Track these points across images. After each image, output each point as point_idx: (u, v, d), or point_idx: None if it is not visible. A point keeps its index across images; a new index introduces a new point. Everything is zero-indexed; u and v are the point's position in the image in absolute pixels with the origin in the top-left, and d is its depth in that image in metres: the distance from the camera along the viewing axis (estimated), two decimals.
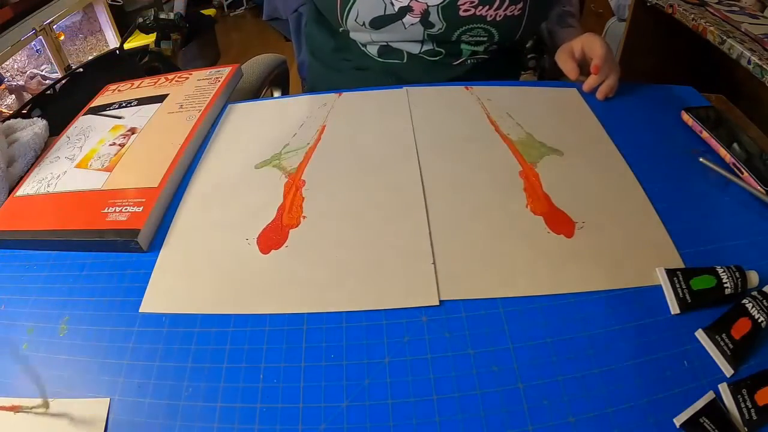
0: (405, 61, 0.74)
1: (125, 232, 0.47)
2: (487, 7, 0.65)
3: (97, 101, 0.72)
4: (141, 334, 0.40)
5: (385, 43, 0.73)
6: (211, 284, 0.43)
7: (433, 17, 0.67)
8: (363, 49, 0.75)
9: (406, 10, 0.66)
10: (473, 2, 0.65)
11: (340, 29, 0.72)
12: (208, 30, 2.50)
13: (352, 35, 0.74)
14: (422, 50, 0.72)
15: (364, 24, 0.69)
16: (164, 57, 1.77)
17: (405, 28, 0.69)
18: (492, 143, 0.56)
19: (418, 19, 0.67)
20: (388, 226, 0.46)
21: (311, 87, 0.88)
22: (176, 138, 0.59)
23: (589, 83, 0.63)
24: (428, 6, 0.65)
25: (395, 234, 0.45)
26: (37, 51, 1.87)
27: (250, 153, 0.58)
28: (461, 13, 0.66)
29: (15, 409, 0.37)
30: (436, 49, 0.72)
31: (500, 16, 0.66)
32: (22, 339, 0.41)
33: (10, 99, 1.77)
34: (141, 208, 0.50)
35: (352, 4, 0.67)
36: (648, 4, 1.12)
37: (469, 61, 0.73)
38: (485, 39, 0.69)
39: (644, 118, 0.59)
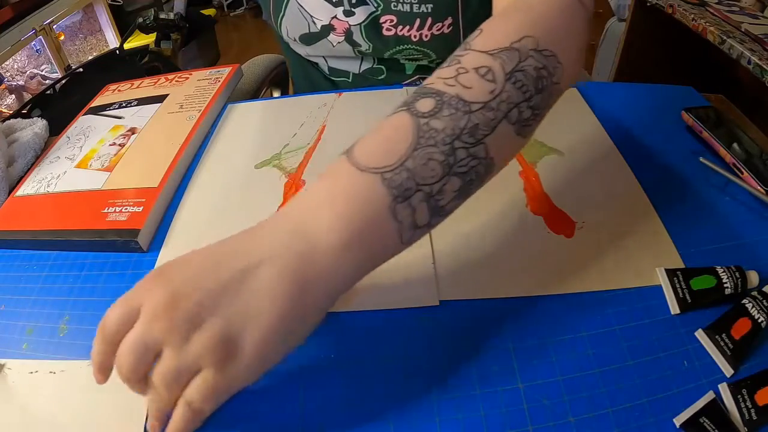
0: (351, 80, 0.71)
1: (125, 232, 0.47)
2: (408, 27, 0.61)
3: (97, 101, 0.72)
4: None
5: (324, 60, 0.71)
6: None
7: (357, 36, 0.64)
8: (315, 65, 0.73)
9: (328, 28, 0.64)
10: (393, 21, 0.61)
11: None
12: (208, 30, 2.50)
13: (296, 50, 0.72)
14: (362, 69, 0.69)
15: (295, 39, 0.67)
16: (164, 57, 1.77)
17: (333, 46, 0.66)
18: None
19: (343, 37, 0.64)
20: None
21: (298, 89, 0.86)
22: (176, 138, 0.59)
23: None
24: (350, 25, 0.62)
25: None
26: (37, 51, 1.87)
27: (250, 153, 0.58)
28: (384, 32, 0.62)
29: None
30: (376, 67, 0.69)
31: (426, 36, 0.62)
32: (22, 339, 0.41)
33: (10, 99, 1.77)
34: (141, 208, 0.50)
35: (282, 19, 0.65)
36: (648, 4, 1.13)
37: (420, 79, 0.67)
38: (421, 57, 0.65)
39: (644, 118, 0.59)
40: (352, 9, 0.61)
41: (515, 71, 0.31)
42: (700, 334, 0.37)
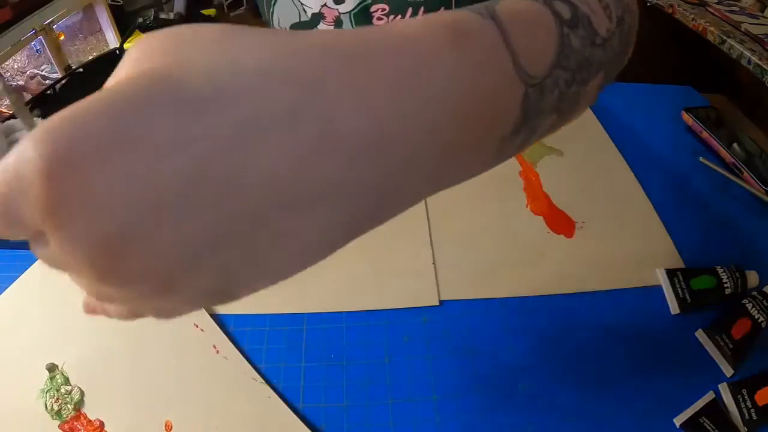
0: None
1: None
2: (400, 16, 0.60)
3: None
4: None
5: None
6: None
7: (347, 25, 0.63)
8: None
9: (318, 17, 0.63)
10: (384, 10, 0.60)
11: None
12: None
13: None
14: None
15: (286, 28, 0.68)
16: None
17: None
18: None
19: (332, 26, 0.63)
20: (388, 227, 0.46)
21: None
22: None
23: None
24: (339, 13, 0.62)
25: (395, 234, 0.45)
26: (37, 51, 1.87)
27: None
28: (375, 22, 0.61)
29: None
30: None
31: None
32: None
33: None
34: None
35: (273, 8, 0.66)
36: (648, 4, 1.12)
37: None
38: None
39: (644, 118, 0.59)
40: None
41: (623, 17, 0.27)
42: (700, 334, 0.37)
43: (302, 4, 0.63)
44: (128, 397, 0.35)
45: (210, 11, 2.93)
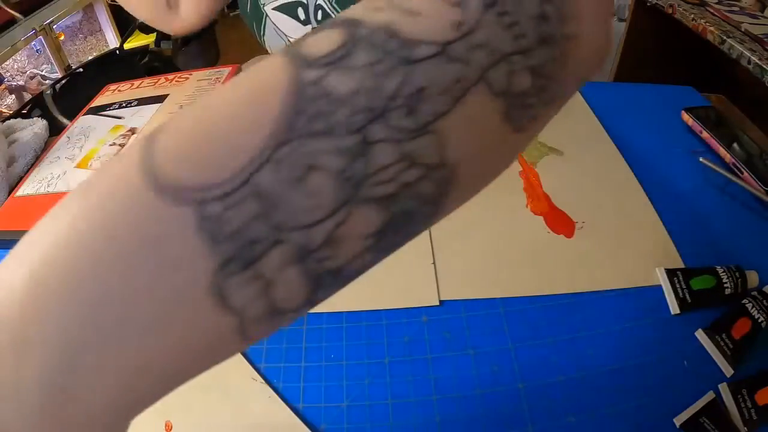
0: None
1: None
2: None
3: (97, 101, 0.72)
4: None
5: None
6: None
7: None
8: None
9: None
10: None
11: None
12: (208, 30, 2.50)
13: None
14: None
15: None
16: (164, 57, 1.77)
17: None
18: None
19: None
20: None
21: None
22: None
23: None
24: None
25: None
26: (37, 51, 1.87)
27: None
28: None
29: None
30: None
31: None
32: None
33: (10, 99, 1.77)
34: None
35: (263, 38, 0.67)
36: (648, 4, 1.13)
37: None
38: None
39: (644, 118, 0.59)
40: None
41: None
42: (700, 334, 0.37)
43: (286, 35, 0.64)
44: None
45: None
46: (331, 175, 0.13)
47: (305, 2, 0.60)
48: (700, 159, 0.51)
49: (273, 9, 0.62)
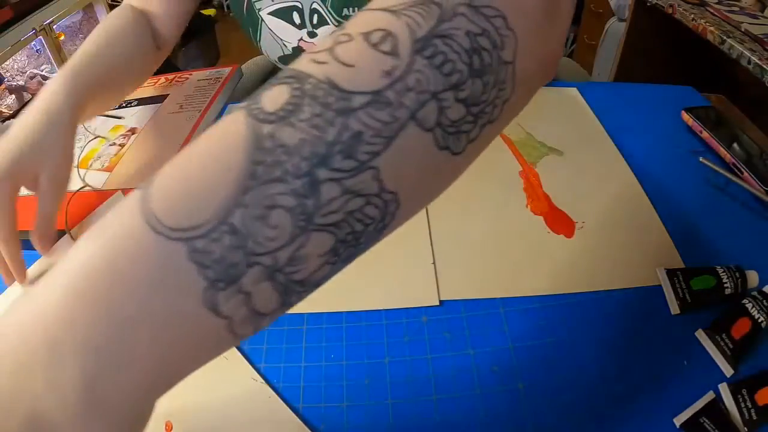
0: None
1: None
2: None
3: None
4: None
5: None
6: None
7: None
8: None
9: (299, 50, 0.65)
10: None
11: None
12: (208, 30, 2.50)
13: (281, 66, 0.73)
14: None
15: (276, 62, 0.69)
16: None
17: None
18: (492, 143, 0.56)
19: None
20: None
21: None
22: (176, 138, 0.59)
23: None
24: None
25: (395, 234, 0.45)
26: (37, 51, 1.87)
27: None
28: None
29: None
30: None
31: None
32: None
33: (10, 99, 1.77)
34: None
35: (260, 43, 0.67)
36: (648, 4, 1.13)
37: None
38: None
39: (644, 118, 0.59)
40: (315, 30, 0.62)
41: (433, 37, 0.19)
42: (700, 334, 0.37)
43: (281, 39, 0.64)
44: None
45: (210, 11, 2.93)
46: (288, 210, 0.17)
47: (300, 6, 0.61)
48: (700, 159, 0.51)
49: (268, 14, 0.63)
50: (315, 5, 0.60)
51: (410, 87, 0.18)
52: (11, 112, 1.68)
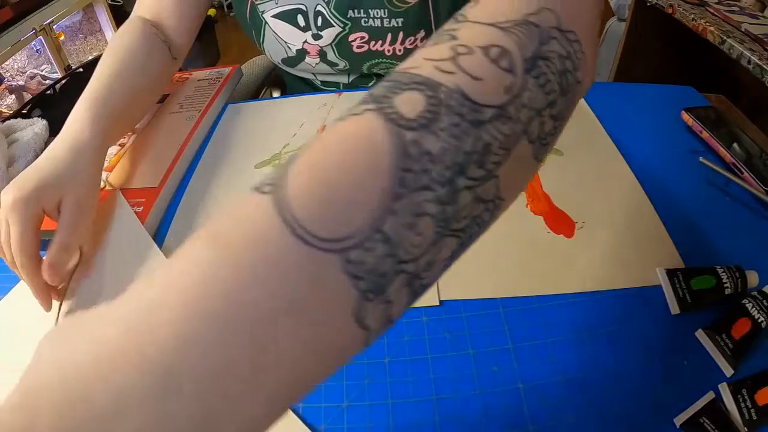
0: (342, 89, 0.73)
1: None
2: (380, 42, 0.62)
3: None
4: None
5: (313, 75, 0.72)
6: None
7: (331, 56, 0.65)
8: (307, 80, 0.74)
9: (303, 52, 0.65)
10: (364, 38, 0.62)
11: None
12: (208, 30, 2.50)
13: (285, 70, 0.73)
14: (351, 80, 0.70)
15: (279, 63, 0.69)
16: None
17: (313, 67, 0.67)
18: None
19: (318, 59, 0.66)
20: None
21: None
22: (176, 138, 0.59)
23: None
24: (321, 47, 0.64)
25: None
26: (37, 51, 1.87)
27: (250, 153, 0.58)
28: (355, 50, 0.63)
29: None
30: (365, 75, 0.70)
31: (399, 50, 0.63)
32: None
33: (10, 99, 1.77)
34: (141, 208, 0.50)
35: (263, 45, 0.67)
36: (648, 4, 1.13)
37: None
38: None
39: (644, 118, 0.59)
40: (320, 32, 0.62)
41: (537, 58, 0.20)
42: (700, 334, 0.37)
43: (285, 42, 0.65)
44: None
45: (210, 11, 2.92)
46: (432, 217, 0.17)
47: (304, 9, 0.61)
48: (700, 159, 0.51)
49: (272, 16, 0.63)
50: (319, 7, 0.60)
51: (524, 104, 0.19)
52: (11, 112, 1.68)
